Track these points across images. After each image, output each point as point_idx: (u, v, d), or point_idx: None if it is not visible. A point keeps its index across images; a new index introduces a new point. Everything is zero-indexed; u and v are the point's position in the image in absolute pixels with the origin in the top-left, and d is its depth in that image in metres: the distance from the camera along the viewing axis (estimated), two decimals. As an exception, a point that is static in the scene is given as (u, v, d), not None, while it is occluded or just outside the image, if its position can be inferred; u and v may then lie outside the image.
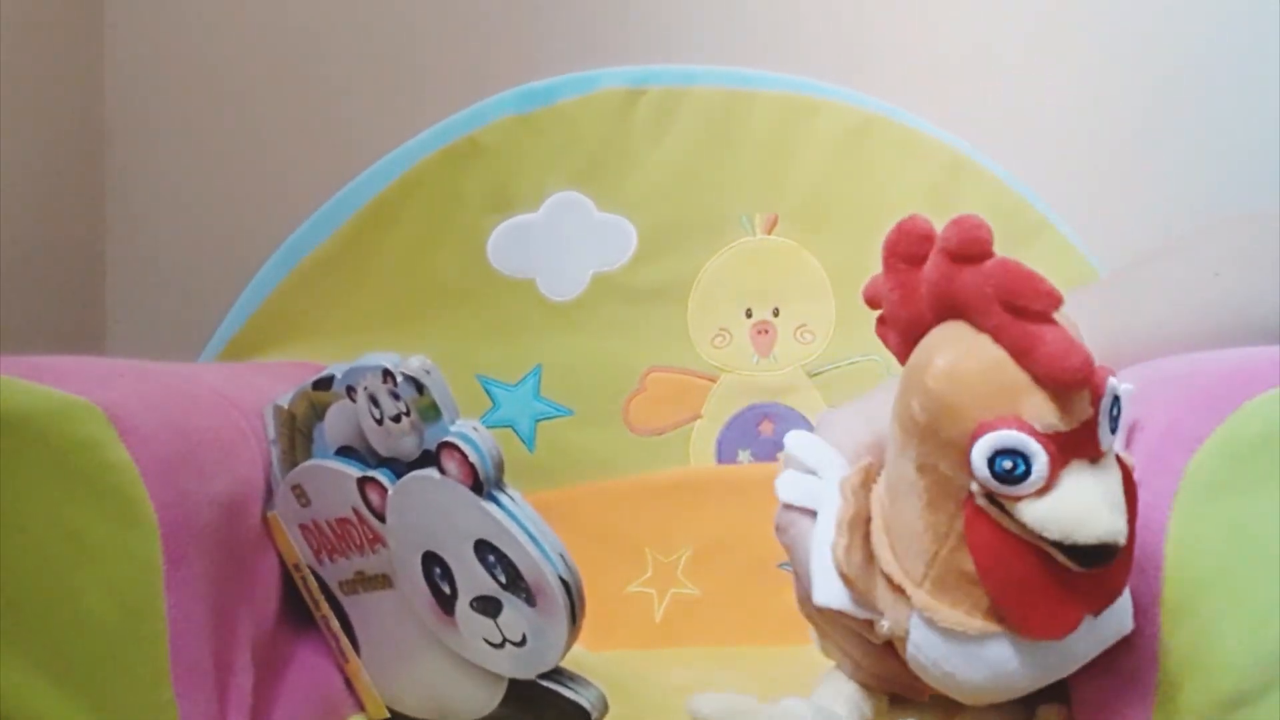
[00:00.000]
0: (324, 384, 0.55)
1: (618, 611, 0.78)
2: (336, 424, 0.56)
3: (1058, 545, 0.40)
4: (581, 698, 0.52)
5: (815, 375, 0.81)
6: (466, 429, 0.50)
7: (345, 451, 0.56)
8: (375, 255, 0.81)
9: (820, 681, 0.54)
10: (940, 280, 0.42)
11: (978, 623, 0.43)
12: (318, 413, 0.57)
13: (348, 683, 0.61)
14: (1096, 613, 0.42)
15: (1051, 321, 0.39)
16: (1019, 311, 0.39)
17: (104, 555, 0.46)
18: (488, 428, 0.80)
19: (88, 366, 0.52)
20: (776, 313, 0.82)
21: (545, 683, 0.53)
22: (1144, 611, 0.43)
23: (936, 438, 0.42)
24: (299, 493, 0.57)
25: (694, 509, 0.80)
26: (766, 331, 0.82)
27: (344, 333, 0.81)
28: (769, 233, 0.82)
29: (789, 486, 0.52)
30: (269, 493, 0.58)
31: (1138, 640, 0.43)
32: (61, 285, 0.92)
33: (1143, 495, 0.43)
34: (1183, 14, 0.91)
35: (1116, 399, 0.41)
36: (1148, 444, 0.46)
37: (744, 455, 0.81)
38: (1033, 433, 0.39)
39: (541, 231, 0.82)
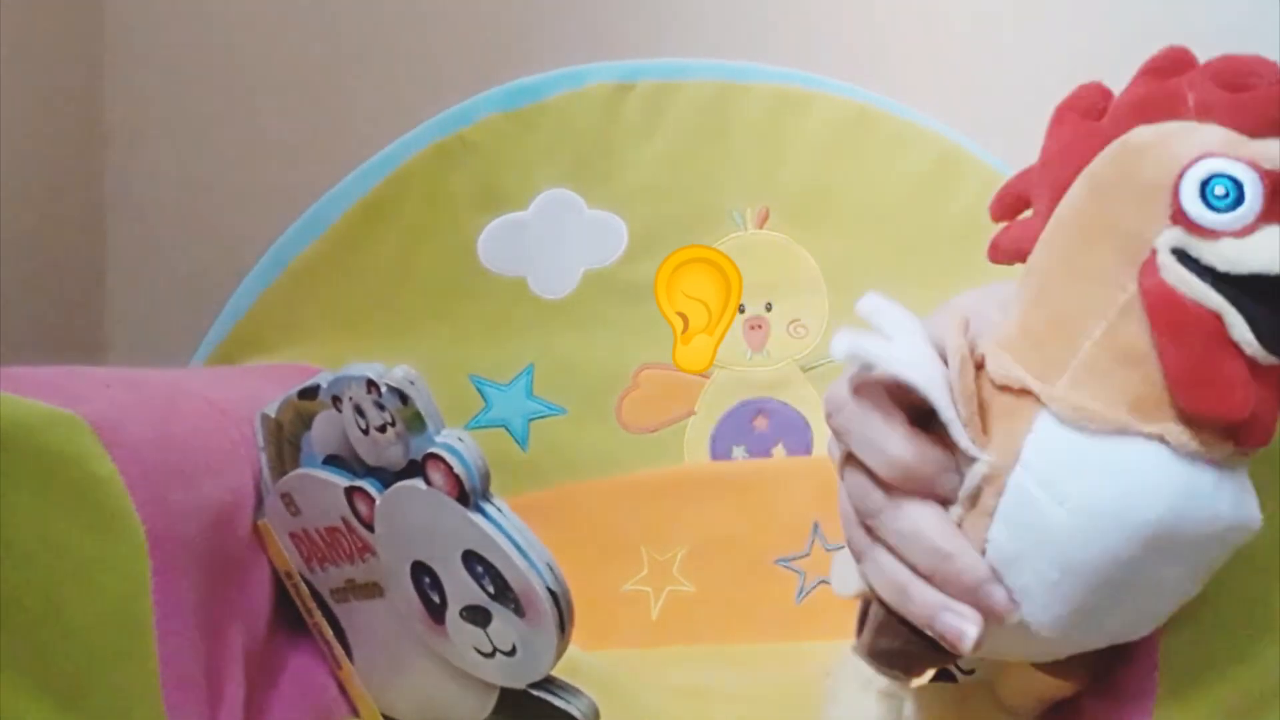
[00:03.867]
0: (310, 393, 0.55)
1: (614, 610, 0.77)
2: (323, 433, 0.55)
3: (1256, 284, 0.36)
4: (573, 707, 0.52)
5: (809, 370, 0.81)
6: (451, 439, 0.50)
7: (333, 460, 0.56)
8: (365, 255, 0.80)
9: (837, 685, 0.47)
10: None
11: (1121, 415, 0.38)
12: (305, 422, 0.56)
13: (342, 690, 0.60)
14: (1259, 437, 0.37)
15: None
16: (1238, 88, 0.38)
17: (90, 569, 0.45)
18: (481, 428, 0.82)
19: (71, 378, 0.52)
20: (769, 307, 0.81)
21: (536, 692, 0.52)
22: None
23: (1132, 184, 0.39)
24: (288, 501, 0.57)
25: (689, 506, 0.79)
26: (759, 326, 0.81)
27: (335, 334, 0.80)
28: (761, 227, 0.82)
29: (846, 340, 0.41)
30: (260, 501, 0.58)
31: (1137, 649, 0.42)
32: (61, 285, 0.92)
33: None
34: (1183, 3, 0.91)
35: None
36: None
37: (738, 451, 0.81)
38: (1252, 163, 0.37)
39: (532, 229, 0.81)
